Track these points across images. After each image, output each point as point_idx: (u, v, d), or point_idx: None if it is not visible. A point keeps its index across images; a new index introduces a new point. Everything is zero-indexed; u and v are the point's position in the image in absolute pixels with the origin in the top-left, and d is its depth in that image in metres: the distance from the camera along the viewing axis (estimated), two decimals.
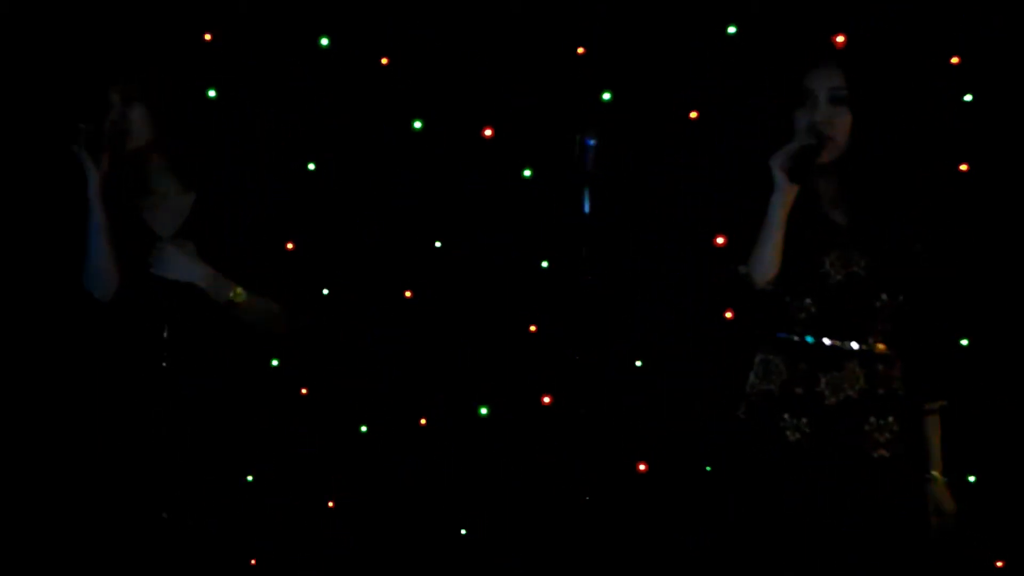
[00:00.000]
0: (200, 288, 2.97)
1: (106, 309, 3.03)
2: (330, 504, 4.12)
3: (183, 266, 2.98)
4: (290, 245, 3.74)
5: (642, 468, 3.93)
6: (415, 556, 4.07)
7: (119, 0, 3.89)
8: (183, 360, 3.03)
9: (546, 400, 4.01)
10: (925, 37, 3.76)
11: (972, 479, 3.66)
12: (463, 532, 4.06)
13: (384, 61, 4.01)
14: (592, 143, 3.90)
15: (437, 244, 4.06)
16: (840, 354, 2.84)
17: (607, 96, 3.88)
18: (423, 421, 4.09)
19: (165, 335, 3.01)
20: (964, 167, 3.73)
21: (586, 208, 3.91)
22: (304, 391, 4.10)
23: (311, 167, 4.06)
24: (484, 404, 4.05)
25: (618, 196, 3.92)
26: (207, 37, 3.96)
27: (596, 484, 3.97)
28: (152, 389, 3.03)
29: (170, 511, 3.00)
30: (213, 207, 3.09)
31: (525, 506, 4.03)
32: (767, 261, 2.80)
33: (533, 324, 4.04)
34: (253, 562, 3.60)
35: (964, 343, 3.68)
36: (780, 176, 2.75)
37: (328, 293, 4.08)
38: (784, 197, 2.76)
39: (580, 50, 3.93)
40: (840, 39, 3.53)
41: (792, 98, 2.84)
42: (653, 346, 3.99)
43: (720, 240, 3.75)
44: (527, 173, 3.99)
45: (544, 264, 4.02)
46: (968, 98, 3.74)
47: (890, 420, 2.83)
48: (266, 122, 4.04)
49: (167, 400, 3.02)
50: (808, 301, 2.84)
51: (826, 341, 2.83)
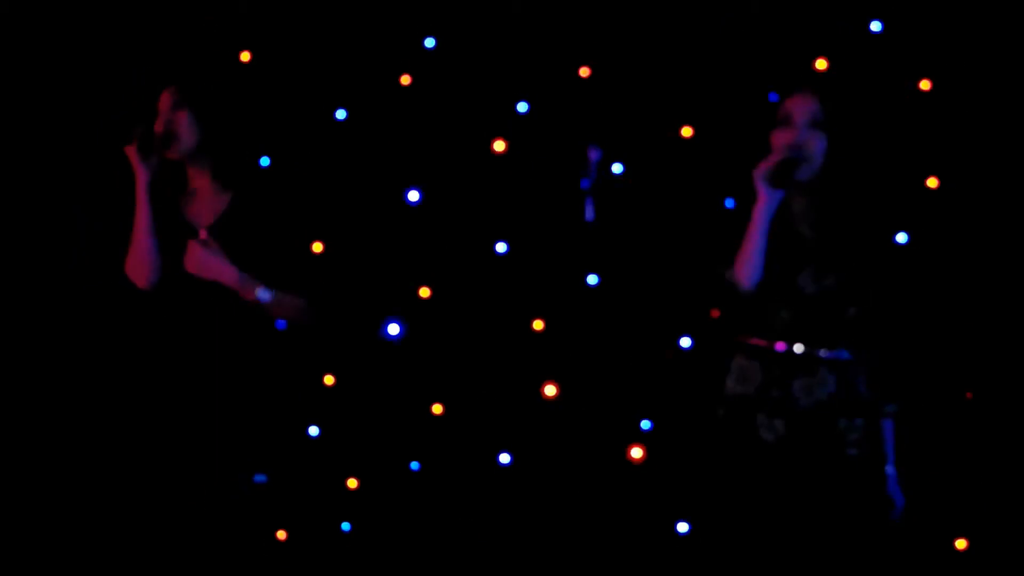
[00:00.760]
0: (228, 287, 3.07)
1: (147, 298, 3.16)
2: (350, 484, 4.17)
3: (212, 266, 3.05)
4: (318, 246, 3.83)
5: (637, 454, 4.02)
6: (428, 531, 4.14)
7: (169, 14, 4.07)
8: (216, 347, 3.12)
9: (550, 393, 4.09)
10: (895, 65, 3.89)
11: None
12: (472, 514, 4.14)
13: (404, 79, 4.14)
14: (596, 156, 4.00)
15: (451, 248, 4.16)
16: (812, 360, 2.93)
17: (607, 113, 4.04)
18: (436, 410, 4.17)
19: (201, 322, 3.11)
20: (933, 182, 3.85)
21: (589, 215, 3.99)
22: (328, 381, 4.18)
23: (336, 172, 4.18)
24: (494, 393, 4.14)
25: (617, 204, 4.01)
26: (244, 57, 4.14)
27: (590, 469, 4.04)
28: (187, 372, 3.12)
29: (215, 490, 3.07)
30: (248, 205, 3.17)
31: (526, 486, 4.10)
32: (751, 266, 2.89)
33: (539, 320, 4.13)
34: (282, 536, 3.75)
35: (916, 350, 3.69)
36: (762, 186, 2.86)
37: (350, 290, 4.10)
38: (766, 205, 2.86)
39: (584, 72, 4.07)
40: (820, 65, 3.74)
41: (772, 120, 2.96)
42: (647, 344, 4.09)
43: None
44: (534, 183, 4.11)
45: (549, 267, 4.12)
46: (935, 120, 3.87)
47: (858, 422, 2.95)
48: (297, 132, 4.16)
49: (199, 382, 3.12)
50: (784, 312, 2.94)
51: (797, 349, 2.93)
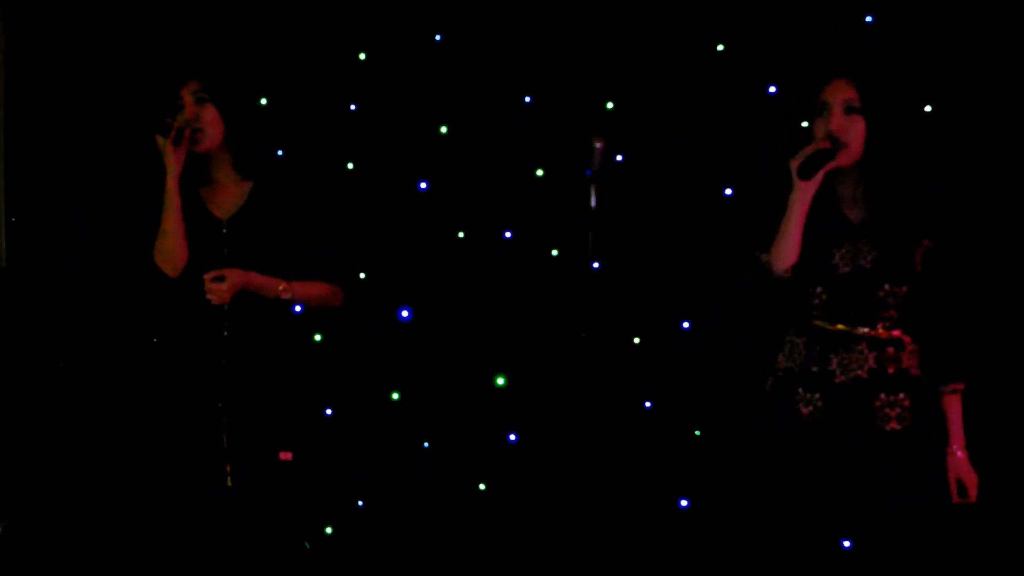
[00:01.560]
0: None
1: (173, 284, 3.22)
2: (366, 459, 4.30)
3: (237, 284, 3.13)
4: (334, 234, 3.83)
5: (638, 433, 4.16)
6: (440, 505, 4.27)
7: (167, 15, 4.20)
8: (241, 330, 3.20)
9: (554, 372, 4.20)
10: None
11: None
12: (481, 487, 4.28)
13: (414, 74, 4.25)
14: (599, 146, 3.99)
15: (460, 234, 4.30)
16: (851, 338, 2.97)
17: (610, 106, 4.13)
18: (447, 389, 4.30)
19: (225, 308, 3.17)
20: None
21: (592, 203, 4.01)
22: (344, 362, 4.30)
23: (350, 166, 4.31)
24: (502, 375, 4.26)
25: (620, 193, 4.06)
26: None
27: (598, 448, 4.12)
28: (211, 356, 3.20)
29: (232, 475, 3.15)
30: (267, 195, 3.26)
31: (536, 461, 4.22)
32: (786, 250, 2.94)
33: (543, 304, 4.24)
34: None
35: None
36: (799, 177, 2.90)
37: (365, 276, 4.25)
38: (799, 194, 2.90)
39: (588, 64, 4.17)
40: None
41: (810, 110, 2.98)
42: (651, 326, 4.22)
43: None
44: (540, 172, 4.22)
45: (554, 252, 4.24)
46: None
47: (900, 397, 2.96)
48: (313, 124, 4.28)
49: (225, 366, 3.19)
50: (819, 289, 3.00)
51: (841, 327, 2.98)
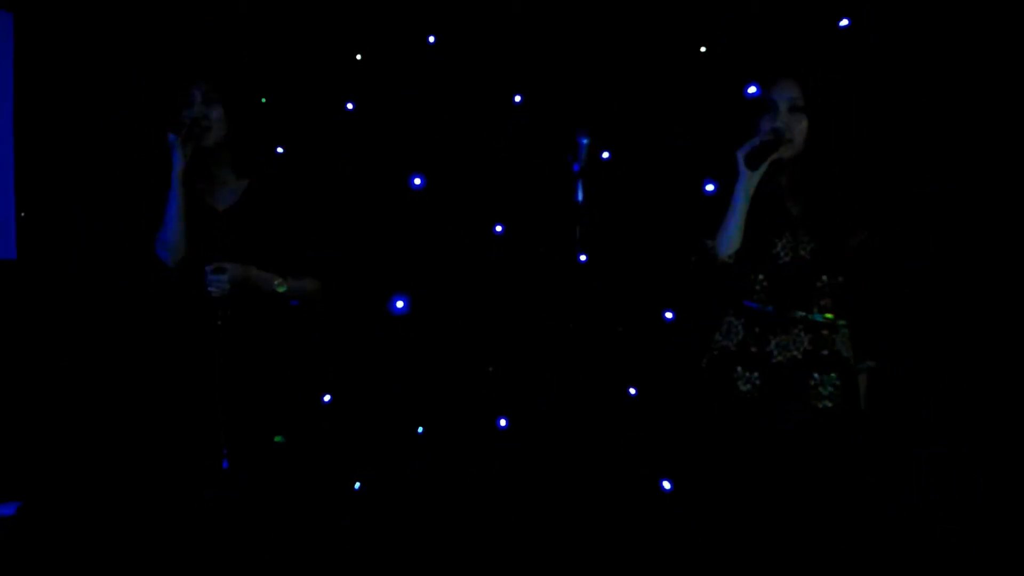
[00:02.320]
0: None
1: (173, 274, 3.31)
2: (362, 445, 4.40)
3: (228, 284, 3.22)
4: (329, 229, 3.87)
5: (622, 416, 4.27)
6: (431, 488, 4.39)
7: (195, 15, 4.27)
8: (236, 319, 3.27)
9: (542, 360, 4.32)
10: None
11: None
12: (472, 469, 4.37)
13: (409, 76, 4.35)
14: (585, 141, 4.06)
15: (452, 229, 4.40)
16: (788, 321, 3.14)
17: (596, 105, 4.23)
18: (440, 377, 4.42)
19: (223, 299, 3.25)
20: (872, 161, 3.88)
21: (579, 198, 4.07)
22: (341, 351, 4.41)
23: (345, 159, 4.39)
24: (492, 362, 4.40)
25: (606, 189, 4.16)
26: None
27: (582, 425, 4.23)
28: (208, 343, 3.27)
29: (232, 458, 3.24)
30: (264, 191, 3.33)
31: (523, 439, 4.35)
32: (730, 237, 3.10)
33: (533, 296, 4.36)
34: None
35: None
36: (741, 165, 3.08)
37: (359, 271, 4.27)
38: (745, 183, 3.07)
39: (573, 67, 4.28)
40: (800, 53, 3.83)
41: (758, 107, 3.18)
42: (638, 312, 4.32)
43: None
44: (529, 169, 4.32)
45: (542, 247, 4.35)
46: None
47: (832, 376, 3.13)
48: (310, 122, 4.37)
49: (221, 353, 3.26)
50: (761, 276, 3.17)
51: (777, 310, 3.15)
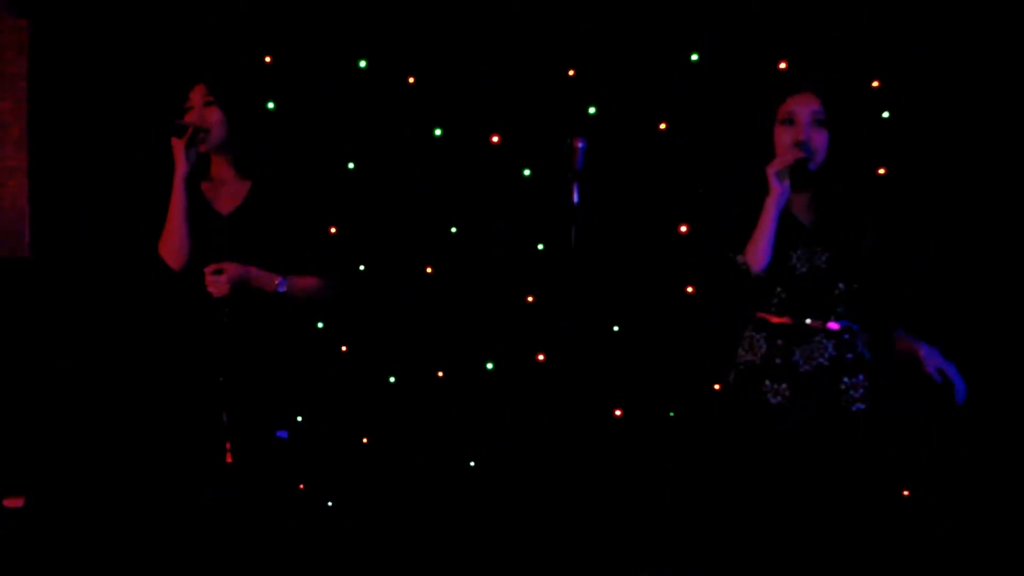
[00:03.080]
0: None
1: (177, 276, 3.31)
2: (364, 440, 4.48)
3: (235, 277, 3.21)
4: (332, 230, 4.05)
5: (617, 414, 4.30)
6: (431, 483, 4.44)
7: (196, 18, 4.33)
8: (241, 318, 3.27)
9: (540, 358, 4.37)
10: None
11: None
12: (471, 464, 4.45)
13: (411, 80, 4.40)
14: (583, 146, 4.12)
15: (453, 229, 4.45)
16: (808, 330, 3.16)
17: (592, 110, 4.27)
18: (440, 373, 4.46)
19: (224, 299, 3.24)
20: (882, 171, 3.97)
21: (575, 200, 4.09)
22: (344, 349, 4.49)
23: (351, 165, 4.46)
24: (490, 360, 4.44)
25: (601, 191, 4.16)
26: (267, 60, 4.42)
27: (580, 427, 4.24)
28: (213, 342, 3.28)
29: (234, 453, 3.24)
30: (266, 192, 3.33)
31: (522, 441, 4.36)
32: (763, 252, 3.10)
33: (530, 295, 4.39)
34: (301, 486, 4.02)
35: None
36: (777, 182, 3.04)
37: (363, 269, 4.40)
38: (777, 198, 3.07)
39: (571, 72, 4.31)
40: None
41: (773, 118, 3.16)
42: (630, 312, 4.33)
43: (683, 228, 4.10)
44: (527, 172, 4.37)
45: (540, 246, 4.38)
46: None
47: (861, 378, 3.15)
48: (312, 127, 4.43)
49: (226, 351, 3.28)
50: (779, 289, 3.19)
51: (806, 320, 3.16)
